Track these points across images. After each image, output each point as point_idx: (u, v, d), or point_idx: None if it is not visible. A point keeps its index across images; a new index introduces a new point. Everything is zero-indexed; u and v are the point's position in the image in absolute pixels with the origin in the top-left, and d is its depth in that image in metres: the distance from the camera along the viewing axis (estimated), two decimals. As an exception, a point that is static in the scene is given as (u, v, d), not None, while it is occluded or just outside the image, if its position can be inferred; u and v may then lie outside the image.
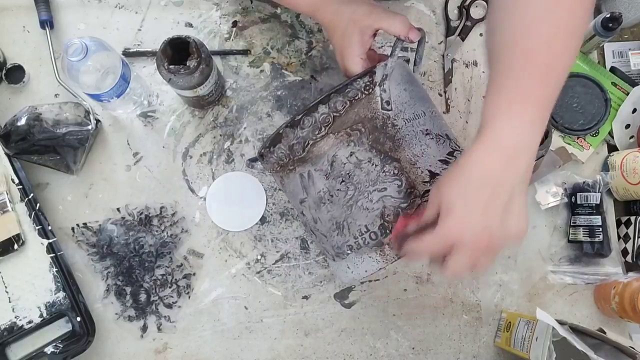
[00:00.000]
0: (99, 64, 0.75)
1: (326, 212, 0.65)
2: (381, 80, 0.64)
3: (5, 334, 0.77)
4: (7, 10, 0.88)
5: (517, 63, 0.54)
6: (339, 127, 0.63)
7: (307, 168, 0.65)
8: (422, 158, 0.63)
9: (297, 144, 0.64)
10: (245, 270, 0.84)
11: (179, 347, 0.82)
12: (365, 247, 0.63)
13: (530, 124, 0.54)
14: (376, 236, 0.62)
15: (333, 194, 0.64)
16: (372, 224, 0.62)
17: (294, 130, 0.64)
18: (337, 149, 0.63)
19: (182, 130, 0.87)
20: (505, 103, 0.54)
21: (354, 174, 0.63)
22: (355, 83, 0.64)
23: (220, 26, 0.90)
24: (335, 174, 0.63)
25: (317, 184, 0.65)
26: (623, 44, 0.92)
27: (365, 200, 0.62)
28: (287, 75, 0.89)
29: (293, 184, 0.67)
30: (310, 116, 0.63)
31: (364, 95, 0.63)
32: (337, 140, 0.63)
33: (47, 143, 0.79)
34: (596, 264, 0.85)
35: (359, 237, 0.63)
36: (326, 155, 0.63)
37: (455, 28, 0.90)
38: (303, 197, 0.67)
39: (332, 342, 0.84)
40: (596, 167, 0.88)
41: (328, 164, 0.63)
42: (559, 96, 0.55)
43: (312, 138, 0.63)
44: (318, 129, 0.63)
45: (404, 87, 0.66)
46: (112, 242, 0.83)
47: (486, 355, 0.84)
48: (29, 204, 0.79)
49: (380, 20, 0.67)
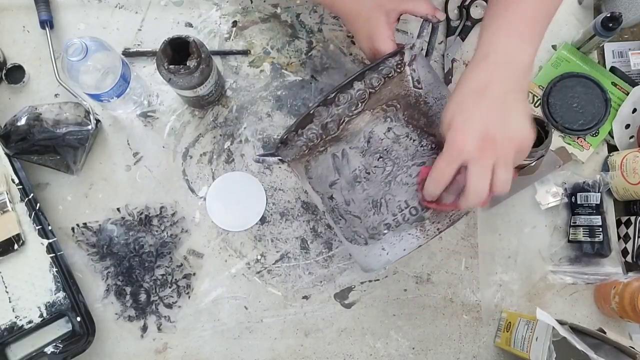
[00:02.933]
0: (99, 64, 0.75)
1: (362, 191, 0.65)
2: (410, 60, 0.65)
3: (5, 334, 0.77)
4: (7, 10, 0.88)
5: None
6: (375, 104, 0.64)
7: (342, 146, 0.65)
8: None
9: (331, 122, 0.64)
10: (245, 270, 0.84)
11: (179, 347, 0.82)
12: (405, 224, 0.63)
13: (520, 38, 0.59)
14: (417, 211, 0.62)
15: (370, 171, 0.64)
16: (412, 199, 0.62)
17: (328, 109, 0.64)
18: (374, 125, 0.64)
19: (182, 130, 0.87)
20: (490, 20, 0.61)
21: (392, 150, 0.63)
22: (387, 61, 0.64)
23: (220, 26, 0.90)
24: (372, 150, 0.64)
25: (353, 162, 0.65)
26: (623, 44, 0.92)
27: (405, 175, 0.63)
28: (287, 75, 0.89)
29: (322, 167, 0.67)
30: (346, 93, 0.63)
31: (397, 73, 0.64)
32: (373, 117, 0.64)
33: (47, 143, 0.79)
34: (596, 264, 0.85)
35: (399, 214, 0.63)
36: (362, 132, 0.64)
37: (455, 28, 0.90)
38: (335, 178, 0.66)
39: (332, 342, 0.84)
40: (596, 167, 0.88)
41: (365, 141, 0.64)
42: (559, 96, 0.56)
43: (348, 114, 0.64)
44: (355, 104, 0.63)
45: (428, 70, 0.67)
46: (112, 242, 0.83)
47: (486, 355, 0.84)
48: (29, 204, 0.79)
49: (405, 3, 0.69)
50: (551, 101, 0.87)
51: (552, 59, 0.89)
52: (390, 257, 0.65)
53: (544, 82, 0.88)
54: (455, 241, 0.86)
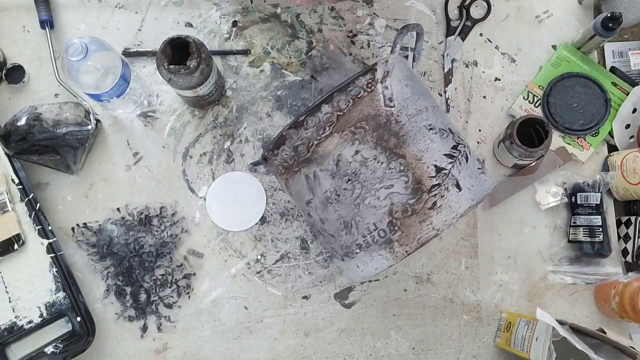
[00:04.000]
0: (99, 64, 0.75)
1: (333, 212, 0.65)
2: (382, 77, 0.64)
3: (5, 334, 0.77)
4: (7, 10, 0.88)
5: None
6: (343, 126, 0.63)
7: (313, 169, 0.65)
8: (427, 153, 0.63)
9: (301, 145, 0.64)
10: (245, 270, 0.84)
11: (179, 347, 0.82)
12: (375, 245, 0.63)
13: None
14: (385, 233, 0.62)
15: (340, 193, 0.64)
16: (380, 221, 0.62)
17: (297, 131, 0.64)
18: (342, 148, 0.63)
19: (182, 130, 0.87)
20: None
21: (360, 172, 0.63)
22: (357, 81, 0.64)
23: (220, 26, 0.90)
24: (341, 173, 0.63)
25: (323, 184, 0.65)
26: (623, 44, 0.92)
27: (373, 198, 0.62)
28: (287, 75, 0.89)
29: (299, 186, 0.67)
30: (314, 116, 0.63)
31: (367, 92, 0.63)
32: (341, 139, 0.63)
33: (47, 143, 0.79)
34: (596, 264, 0.85)
35: (368, 236, 0.63)
36: (331, 155, 0.63)
37: (455, 28, 0.90)
38: (309, 198, 0.67)
39: (332, 342, 0.84)
40: (596, 167, 0.88)
41: (334, 164, 0.64)
42: (559, 96, 0.55)
43: (316, 138, 0.63)
44: (322, 128, 0.63)
45: (405, 83, 0.66)
46: (112, 242, 0.83)
47: (486, 355, 0.84)
48: (29, 204, 0.79)
49: None
50: (551, 101, 0.87)
51: (552, 59, 0.89)
52: (365, 274, 0.66)
53: (544, 82, 0.88)
54: (455, 241, 0.86)
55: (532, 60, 0.90)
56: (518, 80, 0.90)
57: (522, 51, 0.91)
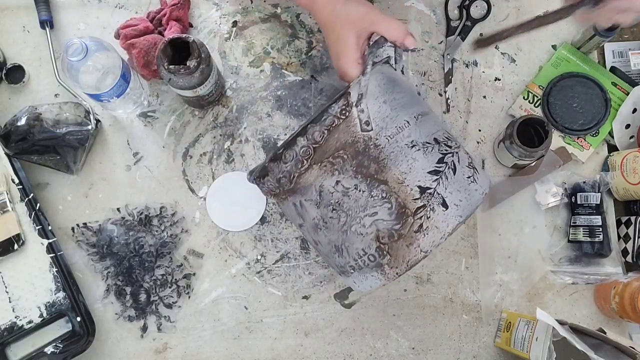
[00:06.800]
0: (99, 64, 0.75)
1: (324, 237, 0.65)
2: (357, 100, 0.62)
3: (5, 334, 0.77)
4: (7, 10, 0.88)
5: None
6: (321, 157, 0.62)
7: (298, 198, 0.65)
8: (410, 174, 0.61)
9: (283, 178, 0.64)
10: (245, 270, 0.84)
11: (179, 347, 0.82)
12: (366, 268, 0.63)
13: None
14: (375, 258, 0.62)
15: (327, 221, 0.64)
16: (368, 247, 0.62)
17: (278, 165, 0.64)
18: (322, 179, 0.63)
19: (182, 130, 0.87)
20: None
21: (343, 202, 0.62)
22: (331, 109, 0.62)
23: (220, 26, 0.90)
24: (325, 203, 0.63)
25: (310, 212, 0.65)
26: (623, 44, 0.92)
27: (359, 226, 0.62)
28: (287, 75, 0.89)
29: (289, 211, 0.68)
30: (291, 150, 0.63)
31: (341, 120, 0.62)
32: (321, 171, 0.62)
33: (47, 143, 0.79)
34: (596, 264, 0.85)
35: (359, 260, 0.63)
36: (313, 186, 0.63)
37: (455, 28, 0.90)
38: (300, 222, 0.67)
39: (332, 342, 0.84)
40: (596, 167, 0.88)
41: (317, 194, 0.63)
42: (559, 96, 0.55)
43: (295, 171, 0.63)
44: (300, 162, 0.62)
45: (384, 99, 0.64)
46: (112, 242, 0.83)
47: (486, 355, 0.84)
48: (29, 204, 0.79)
49: (377, 24, 0.65)
50: (551, 101, 0.87)
51: (552, 59, 0.89)
52: (361, 290, 0.67)
53: (544, 82, 0.88)
54: (455, 241, 0.86)
55: (532, 60, 0.90)
56: (518, 80, 0.90)
57: (522, 51, 0.91)
